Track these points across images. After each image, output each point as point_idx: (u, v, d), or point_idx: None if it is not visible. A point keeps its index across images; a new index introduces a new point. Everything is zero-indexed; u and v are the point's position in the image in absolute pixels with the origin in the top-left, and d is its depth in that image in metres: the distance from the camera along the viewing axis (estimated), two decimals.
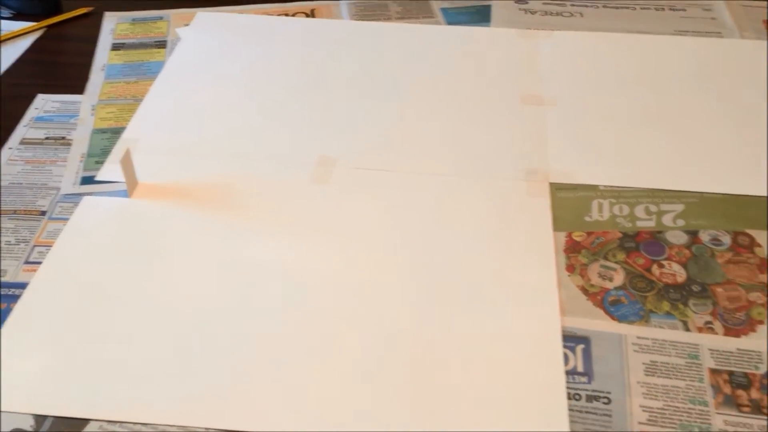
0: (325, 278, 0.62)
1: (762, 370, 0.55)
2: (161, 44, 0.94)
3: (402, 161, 0.75)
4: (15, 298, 0.61)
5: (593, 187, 0.72)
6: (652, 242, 0.66)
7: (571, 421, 0.52)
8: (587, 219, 0.69)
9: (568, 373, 0.56)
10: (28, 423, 0.52)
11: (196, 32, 0.95)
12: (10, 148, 0.78)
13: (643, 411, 0.53)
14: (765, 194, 0.70)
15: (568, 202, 0.71)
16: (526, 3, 1.01)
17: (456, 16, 0.98)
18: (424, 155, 0.76)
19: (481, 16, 0.98)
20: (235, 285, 0.62)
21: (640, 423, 0.52)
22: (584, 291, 0.62)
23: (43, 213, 0.69)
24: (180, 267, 0.64)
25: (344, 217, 0.68)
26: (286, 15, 0.99)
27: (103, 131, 0.79)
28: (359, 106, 0.82)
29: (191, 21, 0.97)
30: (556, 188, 0.72)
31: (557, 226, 0.68)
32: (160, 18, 0.99)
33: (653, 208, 0.70)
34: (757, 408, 0.53)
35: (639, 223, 0.68)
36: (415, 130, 0.79)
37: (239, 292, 0.61)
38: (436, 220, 0.68)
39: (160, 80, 0.87)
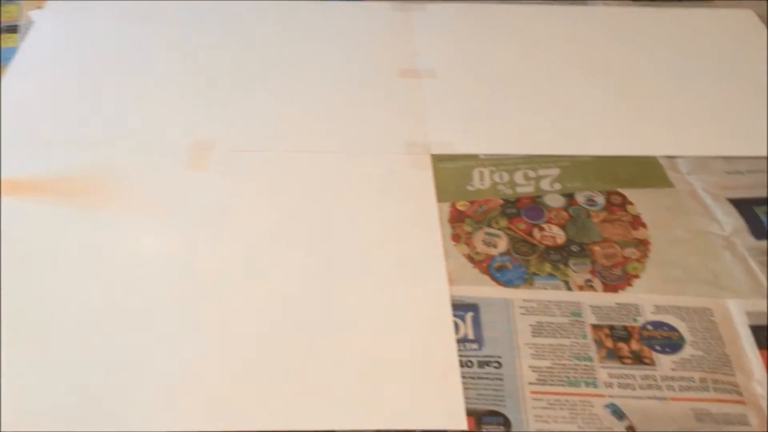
0: (212, 267, 0.60)
1: (640, 322, 0.58)
2: (12, 29, 0.87)
3: (282, 141, 0.73)
4: None
5: (473, 157, 0.73)
6: (532, 207, 0.68)
7: (465, 388, 0.53)
8: (469, 188, 0.70)
9: (459, 341, 0.56)
10: None
11: (52, 14, 0.88)
12: None
13: (533, 371, 0.54)
14: (635, 154, 0.73)
15: (450, 172, 0.71)
16: None
17: None
18: (305, 133, 0.74)
19: None
20: (117, 284, 0.58)
21: (530, 383, 0.53)
22: (470, 259, 0.63)
23: None
24: (54, 269, 0.59)
25: (225, 202, 0.66)
26: None
27: None
28: (235, 87, 0.79)
29: (44, 3, 0.90)
30: (437, 159, 0.72)
31: (441, 196, 0.68)
32: (10, 1, 0.92)
33: (531, 174, 0.71)
34: (638, 359, 0.55)
35: (519, 189, 0.70)
36: (294, 108, 0.77)
37: (122, 291, 0.58)
38: (320, 198, 0.67)
39: (14, 68, 0.80)
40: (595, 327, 0.57)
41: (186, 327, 0.56)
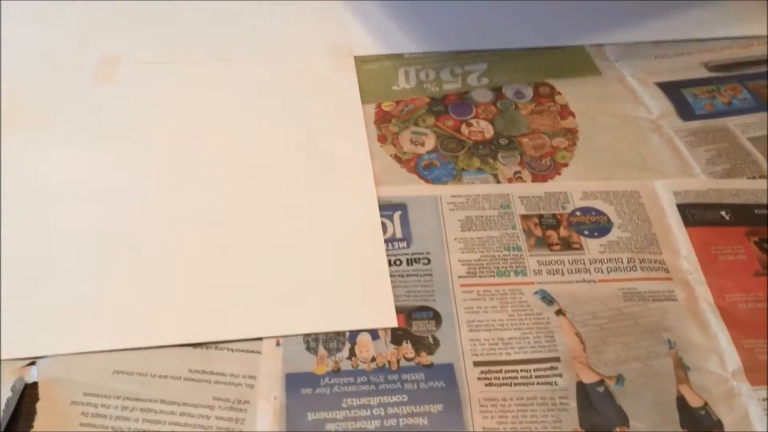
0: (127, 183, 0.57)
1: (568, 209, 0.57)
2: None
3: (195, 51, 0.69)
4: None
5: (398, 56, 0.70)
6: (460, 103, 0.66)
7: (394, 287, 0.52)
8: (395, 88, 0.67)
9: (387, 240, 0.55)
10: None
11: None
12: None
13: (462, 265, 0.53)
14: (562, 44, 0.71)
15: (374, 73, 0.69)
16: None
17: None
18: (220, 42, 0.70)
19: None
20: (26, 205, 0.55)
21: (460, 277, 0.53)
22: (397, 159, 0.61)
23: None
24: None
25: (137, 116, 0.62)
26: None
27: None
28: None
29: None
30: (361, 61, 0.69)
31: (365, 98, 0.66)
32: None
33: (458, 70, 0.69)
34: (566, 245, 0.55)
35: (446, 86, 0.68)
36: (207, 16, 0.73)
37: (32, 212, 0.55)
38: (243, 106, 0.64)
39: None
40: (524, 217, 0.57)
41: (103, 244, 0.53)
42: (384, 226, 0.56)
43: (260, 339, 0.49)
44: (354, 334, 0.50)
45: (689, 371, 0.48)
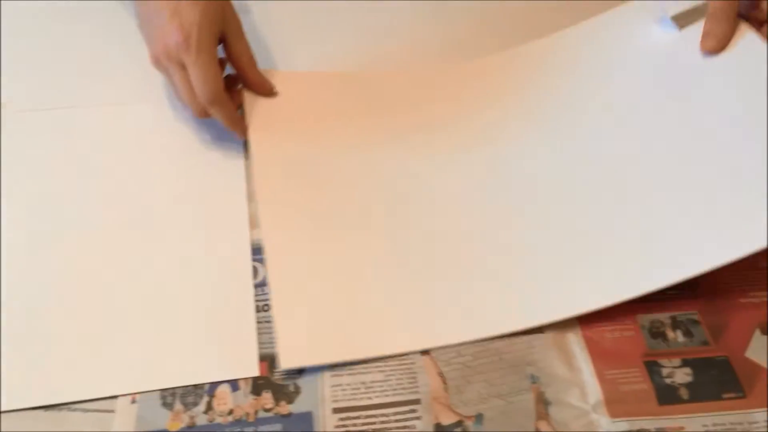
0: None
1: None
2: None
3: (78, 95, 0.68)
4: None
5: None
6: None
7: (261, 333, 0.52)
8: None
9: (257, 285, 0.54)
10: None
11: None
12: None
13: None
14: None
15: None
16: None
17: None
18: (108, 85, 0.69)
19: None
20: None
21: None
22: None
23: None
24: None
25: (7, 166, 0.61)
26: None
27: None
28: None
29: None
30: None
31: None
32: None
33: None
34: None
35: None
36: (91, 61, 0.72)
37: None
38: (119, 150, 0.63)
39: None
40: None
41: None
42: (255, 271, 0.55)
43: (115, 397, 0.48)
44: (213, 386, 0.49)
45: (550, 406, 0.48)
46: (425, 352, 0.50)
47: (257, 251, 0.56)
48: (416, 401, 0.48)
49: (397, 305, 0.52)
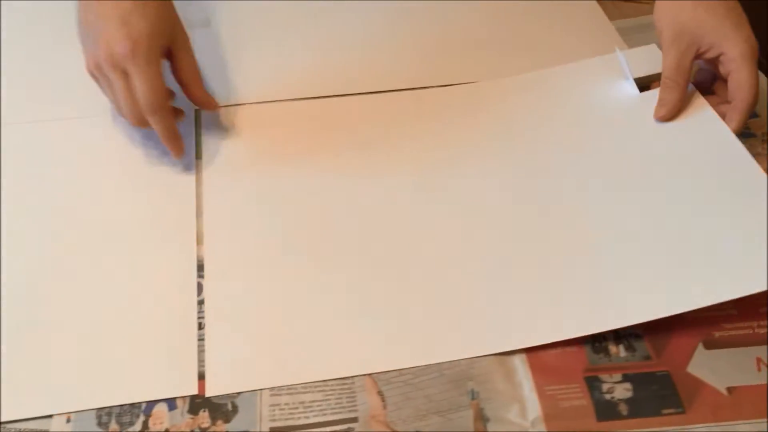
0: None
1: None
2: None
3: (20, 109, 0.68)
4: None
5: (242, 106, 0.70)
6: None
7: (200, 351, 0.51)
8: None
9: (200, 302, 0.54)
10: None
11: None
12: None
13: None
14: None
15: None
16: None
17: None
18: (65, 99, 0.69)
19: None
20: None
21: None
22: None
23: None
24: None
25: None
26: None
27: None
28: None
29: None
30: (203, 113, 0.69)
31: (200, 154, 0.65)
32: None
33: None
34: None
35: None
36: (59, 73, 0.72)
37: None
38: (69, 164, 0.63)
39: None
40: None
41: None
42: (199, 287, 0.55)
43: (50, 416, 0.48)
44: (150, 405, 0.49)
45: (488, 422, 0.48)
46: None
47: (203, 267, 0.56)
48: (354, 419, 0.48)
49: (337, 331, 0.52)
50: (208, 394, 0.49)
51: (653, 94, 0.65)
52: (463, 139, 0.65)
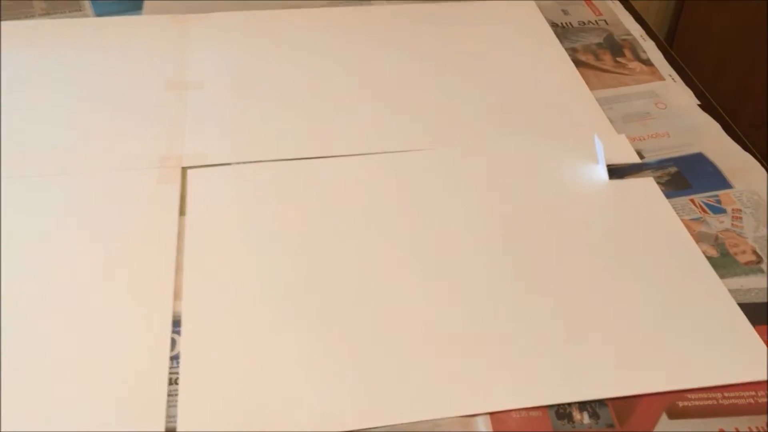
0: None
1: None
2: None
3: (31, 163, 0.70)
4: None
5: (228, 166, 0.72)
6: None
7: (169, 406, 0.52)
8: None
9: (172, 358, 0.55)
10: None
11: None
12: None
13: None
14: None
15: None
16: None
17: (106, 7, 0.94)
18: (57, 155, 0.72)
19: (132, 5, 0.95)
20: None
21: None
22: None
23: None
24: None
25: None
26: None
27: None
28: None
29: None
30: (189, 171, 0.71)
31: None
32: None
33: None
34: None
35: None
36: (47, 129, 0.75)
37: None
38: (60, 222, 0.65)
39: None
40: None
41: None
42: (173, 343, 0.56)
43: None
44: None
45: None
46: None
47: (178, 323, 0.57)
48: None
49: (308, 389, 0.53)
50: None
51: (621, 183, 0.69)
52: (437, 206, 0.67)
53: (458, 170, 0.71)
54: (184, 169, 0.71)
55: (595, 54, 0.88)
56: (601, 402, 0.53)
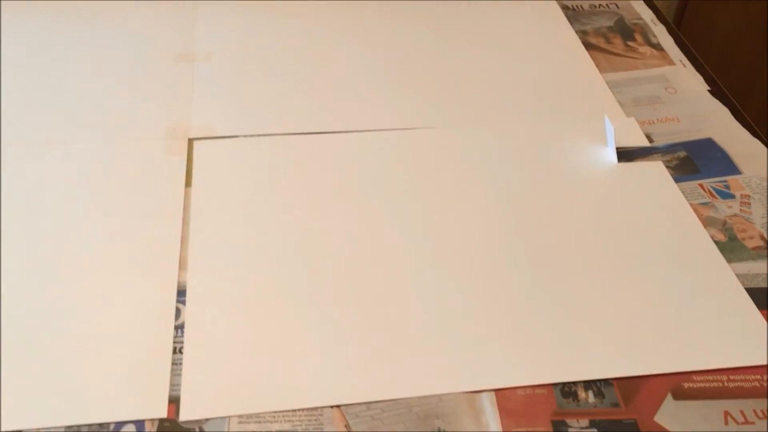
0: None
1: None
2: None
3: (49, 130, 0.70)
4: None
5: (234, 139, 0.71)
6: None
7: (173, 375, 0.52)
8: None
9: (177, 327, 0.55)
10: None
11: None
12: None
13: None
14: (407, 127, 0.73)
15: None
16: None
17: None
18: (66, 124, 0.71)
19: None
20: None
21: None
22: None
23: None
24: None
25: None
26: None
27: None
28: None
29: None
30: (195, 142, 0.70)
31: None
32: None
33: None
34: None
35: None
36: (59, 99, 0.74)
37: None
38: (71, 190, 0.65)
39: None
40: None
41: None
42: (178, 312, 0.56)
43: None
44: (119, 425, 0.49)
45: None
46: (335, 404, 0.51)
47: (182, 293, 0.57)
48: None
49: (311, 360, 0.53)
50: (182, 418, 0.49)
51: (630, 166, 0.69)
52: (444, 184, 0.67)
53: (466, 150, 0.71)
54: (190, 141, 0.71)
55: (606, 37, 0.87)
56: (607, 381, 0.53)
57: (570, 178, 0.68)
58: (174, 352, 0.53)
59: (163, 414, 0.50)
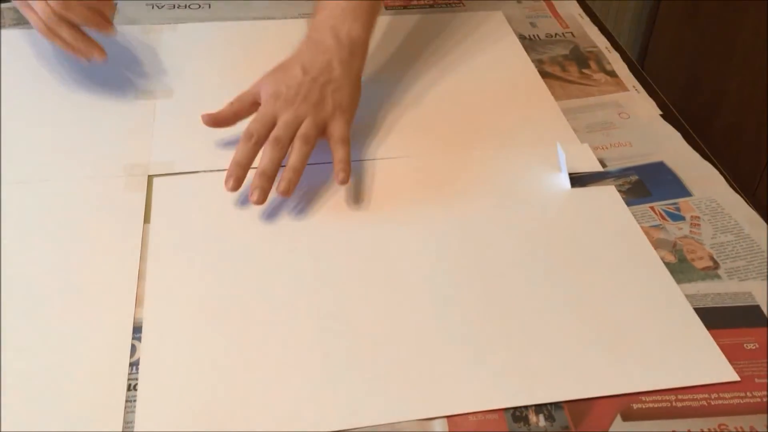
0: None
1: None
2: None
3: (6, 170, 0.71)
4: None
5: (194, 174, 0.72)
6: None
7: (126, 412, 0.52)
8: None
9: (132, 364, 0.55)
10: None
11: None
12: None
13: None
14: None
15: None
16: None
17: None
18: (25, 162, 0.72)
19: None
20: None
21: None
22: None
23: None
24: None
25: None
26: None
27: None
28: None
29: None
30: (155, 178, 0.71)
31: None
32: None
33: None
34: None
35: None
36: (18, 137, 0.75)
37: None
38: (29, 228, 0.65)
39: None
40: None
41: None
42: (133, 349, 0.56)
43: None
44: None
45: None
46: None
47: (139, 329, 0.57)
48: None
49: (266, 398, 0.53)
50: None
51: (583, 191, 0.71)
52: (401, 211, 0.68)
53: (422, 178, 0.72)
54: (150, 177, 0.71)
55: (562, 65, 0.89)
56: (557, 405, 0.53)
57: (524, 204, 0.70)
58: (128, 389, 0.53)
59: None
